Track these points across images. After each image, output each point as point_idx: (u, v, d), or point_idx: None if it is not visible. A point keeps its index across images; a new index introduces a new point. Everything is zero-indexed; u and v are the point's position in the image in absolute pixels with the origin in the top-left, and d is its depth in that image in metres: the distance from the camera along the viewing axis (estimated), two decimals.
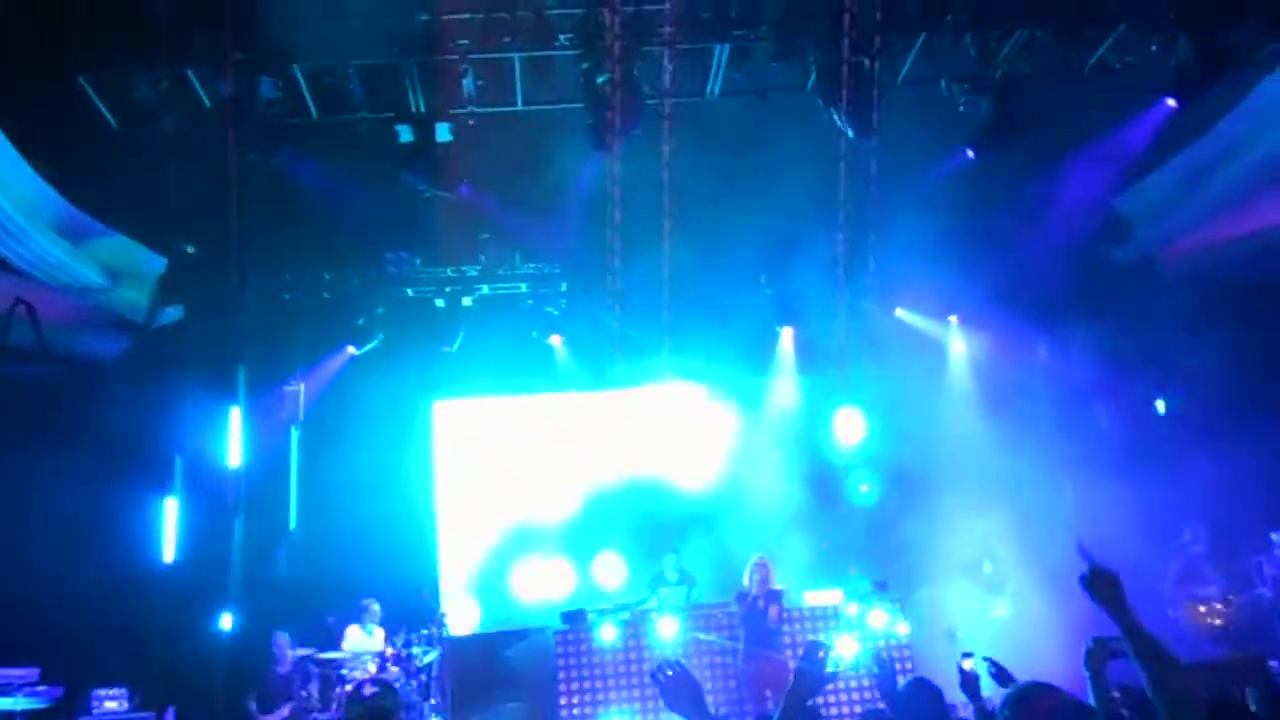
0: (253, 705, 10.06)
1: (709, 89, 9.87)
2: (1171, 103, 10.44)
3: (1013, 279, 11.20)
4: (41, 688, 8.95)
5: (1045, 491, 11.18)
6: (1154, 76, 10.06)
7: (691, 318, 11.52)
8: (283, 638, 10.30)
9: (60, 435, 10.83)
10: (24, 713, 8.73)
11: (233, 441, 11.56)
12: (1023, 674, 4.18)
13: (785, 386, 12.68)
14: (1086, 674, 3.78)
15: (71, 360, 11.42)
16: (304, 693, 10.07)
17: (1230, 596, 9.56)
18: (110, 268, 10.92)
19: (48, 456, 10.65)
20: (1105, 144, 10.86)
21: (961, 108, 10.31)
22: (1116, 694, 3.91)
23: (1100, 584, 3.19)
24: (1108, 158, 10.91)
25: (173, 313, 11.76)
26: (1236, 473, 9.64)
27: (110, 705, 9.60)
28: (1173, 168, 11.17)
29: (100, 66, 8.65)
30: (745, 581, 9.42)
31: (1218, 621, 9.43)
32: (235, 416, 11.50)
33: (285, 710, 10.00)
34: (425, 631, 10.78)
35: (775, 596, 9.37)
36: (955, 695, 4.72)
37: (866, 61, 9.13)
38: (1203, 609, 9.51)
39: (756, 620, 9.20)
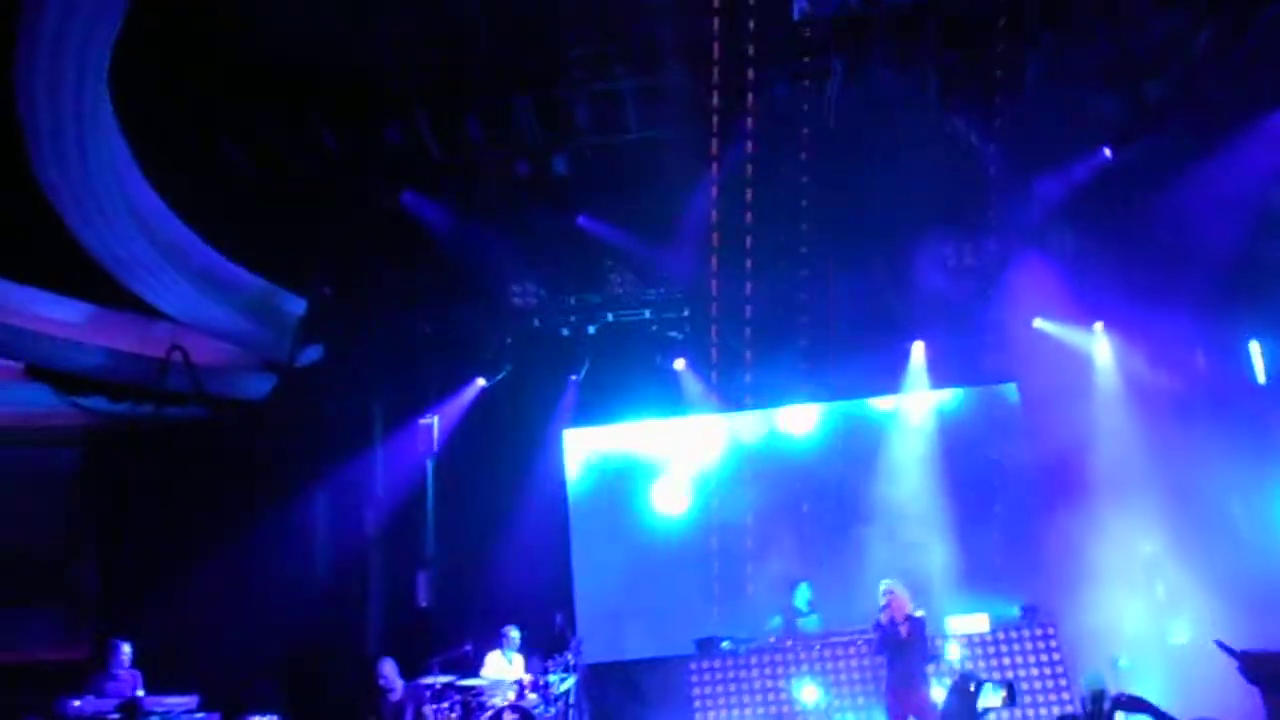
0: None
1: (826, 107, 9.67)
2: None
3: (1162, 281, 10.46)
4: (200, 715, 9.32)
5: (1214, 507, 10.39)
6: None
7: (820, 335, 11.25)
8: (389, 666, 10.40)
9: (215, 471, 11.44)
10: None
11: (373, 475, 11.94)
12: (1203, 708, 3.82)
13: (920, 401, 12.20)
14: (1263, 698, 3.44)
15: (223, 400, 12.07)
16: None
17: None
18: (254, 311, 11.46)
19: (203, 492, 11.28)
20: (1257, 133, 10.07)
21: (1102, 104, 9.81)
22: None
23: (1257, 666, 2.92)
24: (1261, 148, 10.11)
25: (313, 352, 12.23)
26: None
27: None
28: None
29: (240, 124, 9.07)
30: (881, 611, 9.01)
31: None
32: (375, 451, 11.87)
33: None
34: (562, 658, 10.80)
35: (917, 624, 8.90)
36: None
37: (990, 64, 8.78)
38: None
39: (896, 649, 8.79)
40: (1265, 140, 10.22)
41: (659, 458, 13.19)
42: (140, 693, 9.08)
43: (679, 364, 12.72)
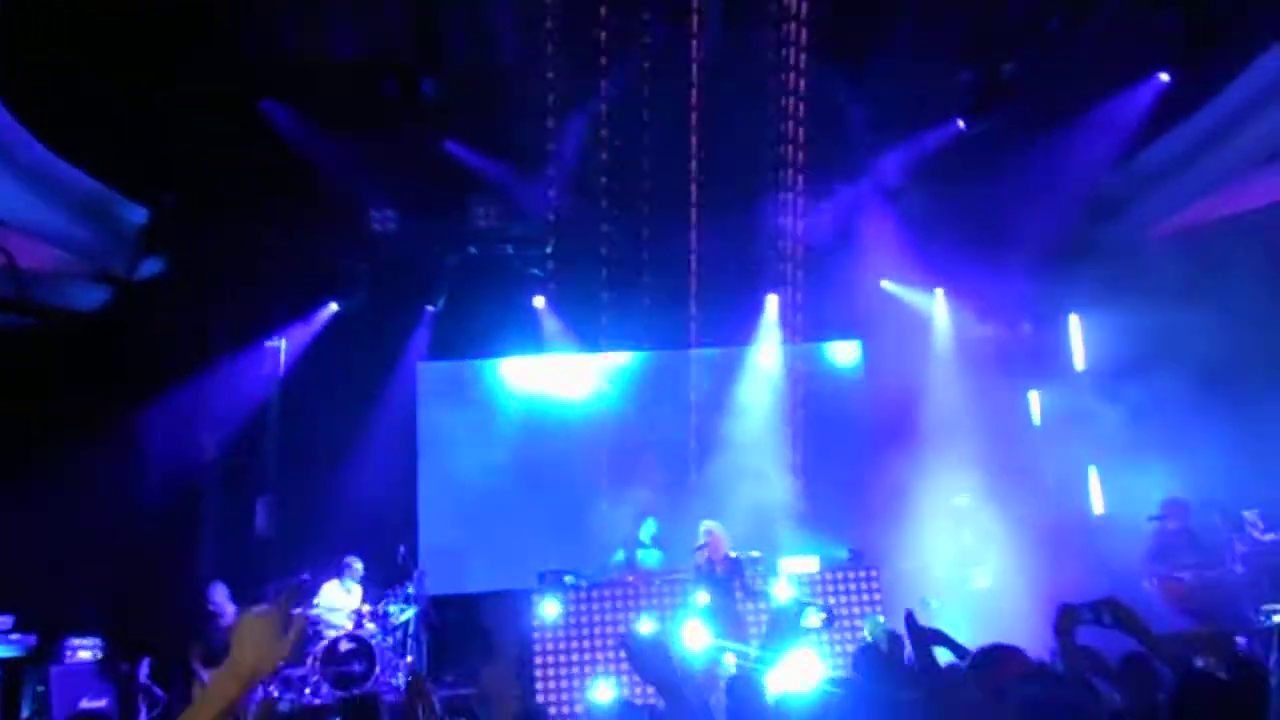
0: (196, 663, 9.90)
1: (702, 49, 9.75)
2: (1165, 77, 10.38)
3: (999, 251, 11.09)
4: (15, 635, 8.94)
5: (1023, 463, 11.19)
6: (1149, 49, 9.98)
7: (673, 282, 11.43)
8: (220, 591, 10.15)
9: (40, 387, 10.78)
10: None
11: (214, 396, 11.50)
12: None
13: (769, 354, 12.59)
14: (1055, 638, 3.79)
15: (53, 310, 11.35)
16: None
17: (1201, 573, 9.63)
18: (90, 217, 10.80)
19: (26, 408, 10.61)
20: (1093, 119, 10.76)
21: (959, 75, 10.25)
22: (1084, 659, 3.91)
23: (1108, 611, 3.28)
24: (1096, 133, 10.82)
25: (153, 265, 11.62)
26: (1220, 451, 9.68)
27: (84, 654, 9.59)
28: (1164, 144, 11.11)
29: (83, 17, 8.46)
30: (698, 552, 9.34)
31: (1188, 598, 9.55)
32: (216, 372, 11.42)
33: None
34: (402, 589, 10.78)
35: (733, 564, 9.30)
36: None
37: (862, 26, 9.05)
38: (1174, 586, 9.60)
39: (713, 586, 9.17)
40: (1099, 127, 10.96)
41: (513, 394, 13.23)
42: None
43: (538, 301, 12.71)
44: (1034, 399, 11.98)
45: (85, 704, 9.27)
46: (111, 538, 10.44)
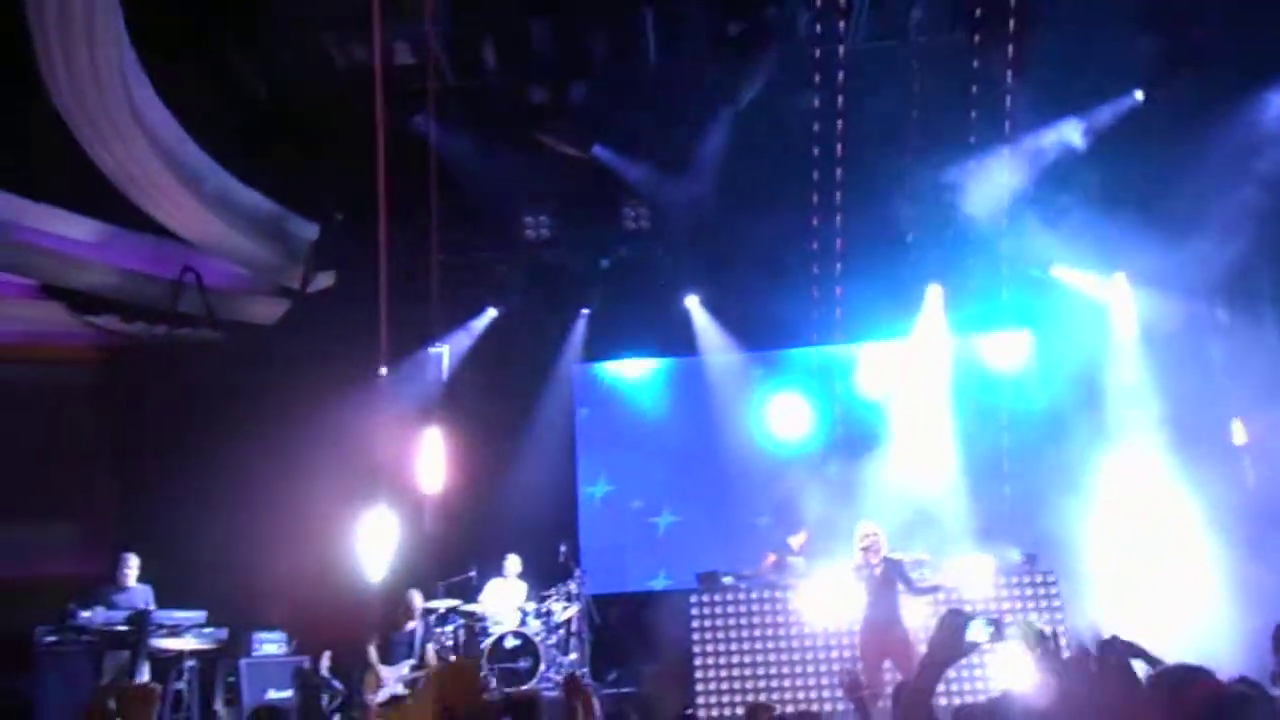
0: (373, 653, 10.22)
1: (850, 38, 9.46)
2: None
3: (1189, 233, 10.23)
4: (208, 629, 9.52)
5: (1219, 464, 10.30)
6: None
7: (831, 278, 11.11)
8: (416, 596, 10.49)
9: (226, 393, 11.52)
10: (192, 652, 9.30)
11: (382, 402, 11.95)
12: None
13: (937, 345, 12.07)
14: (1276, 655, 3.41)
15: (235, 324, 12.11)
16: (429, 647, 10.12)
17: None
18: (266, 236, 11.44)
19: (215, 414, 11.36)
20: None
21: (1138, 44, 9.53)
22: None
23: None
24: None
25: (325, 279, 12.21)
26: None
27: (270, 648, 10.14)
28: None
29: (241, 35, 8.95)
30: (856, 552, 9.02)
31: None
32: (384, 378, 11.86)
33: (404, 667, 10.02)
34: (564, 588, 10.94)
35: (895, 566, 8.95)
36: None
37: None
38: None
39: (873, 588, 8.84)
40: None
41: (667, 394, 13.23)
42: (150, 606, 9.26)
43: (691, 301, 12.65)
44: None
45: (272, 694, 9.82)
46: (293, 538, 11.00)
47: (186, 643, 9.24)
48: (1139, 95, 10.32)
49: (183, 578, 9.80)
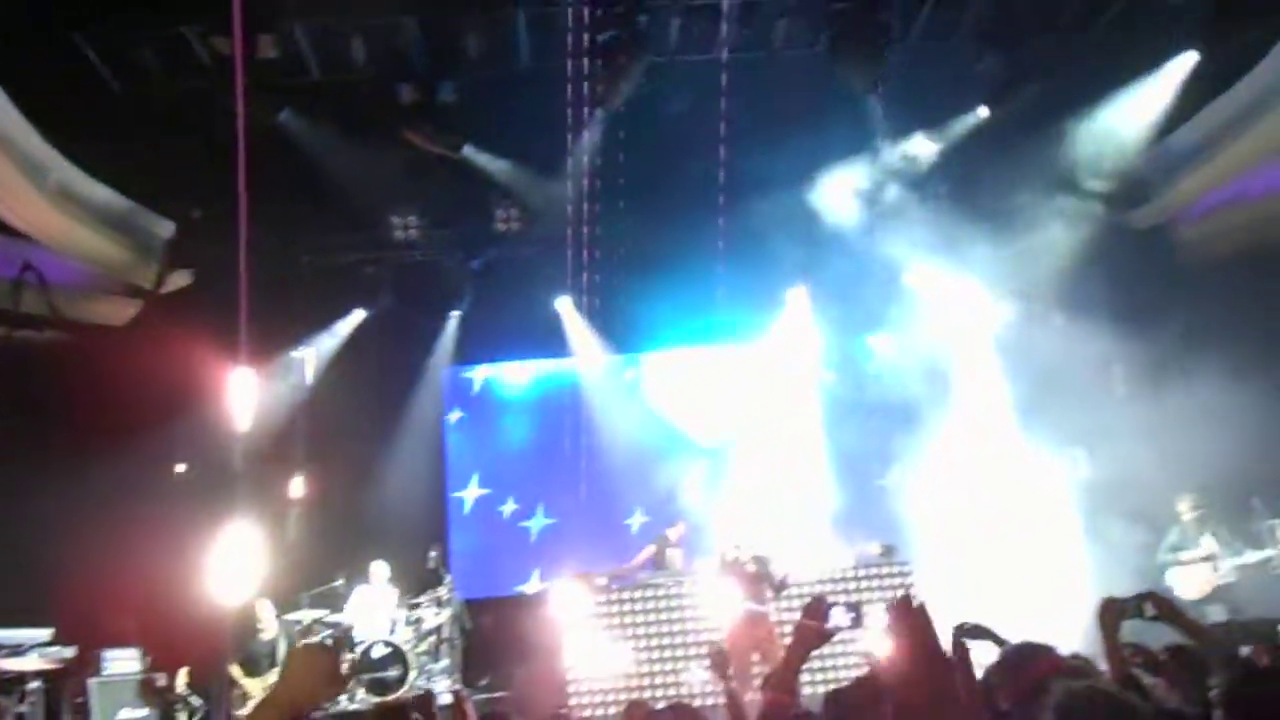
0: (236, 669, 10.04)
1: (718, 47, 9.72)
2: (1192, 56, 10.21)
3: (1025, 241, 10.94)
4: (54, 648, 9.03)
5: (1059, 454, 11.03)
6: (1174, 30, 9.83)
7: (698, 280, 11.36)
8: (265, 605, 10.26)
9: (73, 397, 10.88)
10: (36, 672, 8.79)
11: (240, 406, 11.55)
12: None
13: (801, 344, 12.48)
14: (1100, 633, 3.70)
15: (82, 325, 11.46)
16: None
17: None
18: (118, 233, 10.90)
19: (58, 422, 10.73)
20: (1122, 101, 10.61)
21: (980, 64, 10.14)
22: (1127, 652, 3.82)
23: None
24: (1123, 116, 10.67)
25: (180, 278, 11.71)
26: (1247, 438, 9.56)
27: (121, 666, 9.69)
28: (1193, 126, 10.94)
29: (94, 23, 8.53)
30: (727, 547, 9.31)
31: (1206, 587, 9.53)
32: (242, 381, 11.46)
33: (271, 676, 9.91)
34: (434, 594, 10.82)
35: (763, 562, 9.28)
36: None
37: (879, 16, 8.97)
38: (1190, 574, 9.58)
39: (743, 584, 9.14)
40: (1127, 109, 10.82)
41: (538, 396, 13.26)
42: None
43: (562, 303, 12.71)
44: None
45: (125, 714, 9.37)
46: (145, 549, 10.51)
47: (30, 662, 8.75)
48: (983, 110, 10.96)
49: (26, 595, 9.22)
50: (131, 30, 8.80)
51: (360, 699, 10.00)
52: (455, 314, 12.89)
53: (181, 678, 9.91)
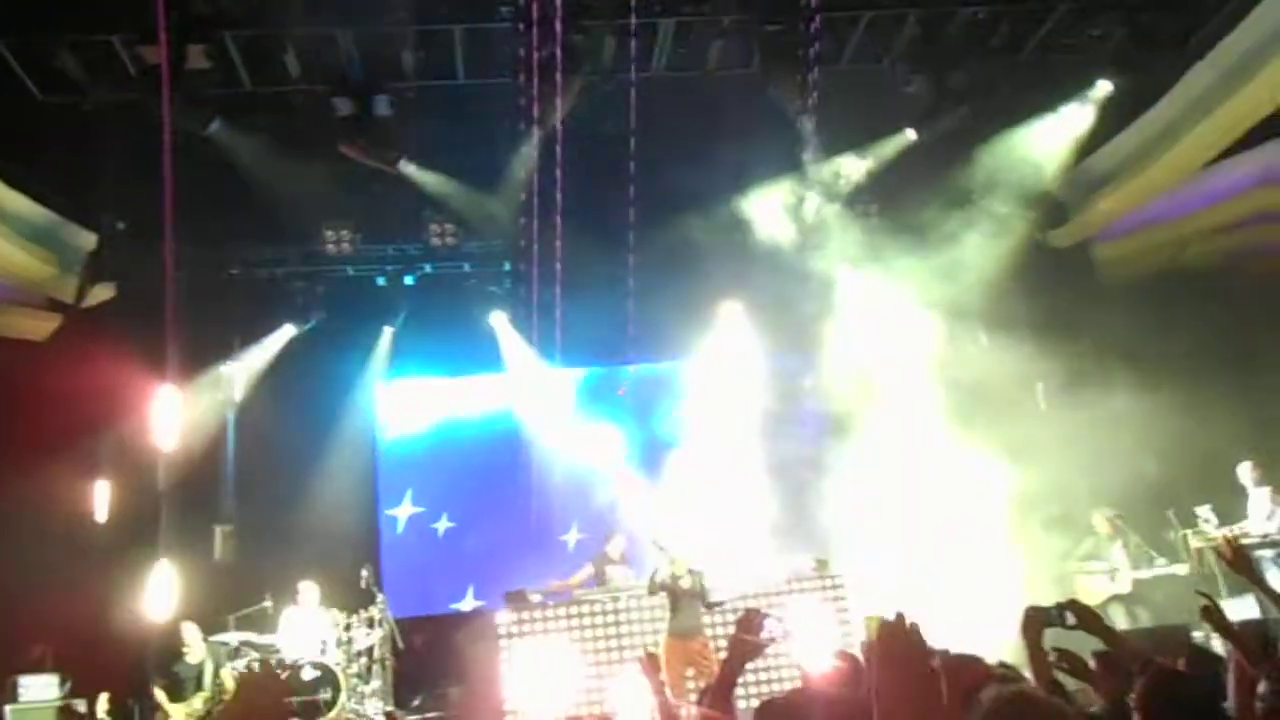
0: (160, 694, 9.79)
1: (653, 66, 9.85)
2: (1108, 85, 10.63)
3: (951, 257, 11.22)
4: None
5: (982, 467, 11.30)
6: (1093, 58, 10.23)
7: (634, 297, 11.44)
8: (189, 628, 10.05)
9: None
10: None
11: (165, 423, 11.28)
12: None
13: (733, 358, 12.60)
14: (1024, 641, 3.81)
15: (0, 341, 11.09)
16: (218, 681, 9.79)
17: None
18: (37, 244, 10.58)
19: None
20: (1042, 125, 11.00)
21: (909, 88, 10.41)
22: (1052, 657, 3.93)
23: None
24: (1044, 139, 11.06)
25: (103, 291, 11.41)
26: (1162, 451, 9.98)
27: (38, 692, 9.37)
28: (1107, 152, 11.38)
29: (17, 30, 8.33)
30: (663, 563, 9.35)
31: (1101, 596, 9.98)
32: (168, 397, 11.20)
33: (197, 701, 9.66)
34: (366, 614, 10.65)
35: (699, 578, 9.33)
36: None
37: (809, 39, 9.17)
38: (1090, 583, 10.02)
39: (678, 599, 9.19)
40: (1045, 134, 11.22)
41: (473, 412, 13.18)
42: None
43: (496, 318, 12.67)
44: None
45: None
46: (65, 569, 10.19)
47: None
48: (910, 133, 11.25)
49: None
50: (56, 38, 8.57)
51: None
52: (389, 329, 12.76)
53: (102, 703, 9.61)
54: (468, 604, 12.31)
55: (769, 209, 11.52)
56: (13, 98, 9.15)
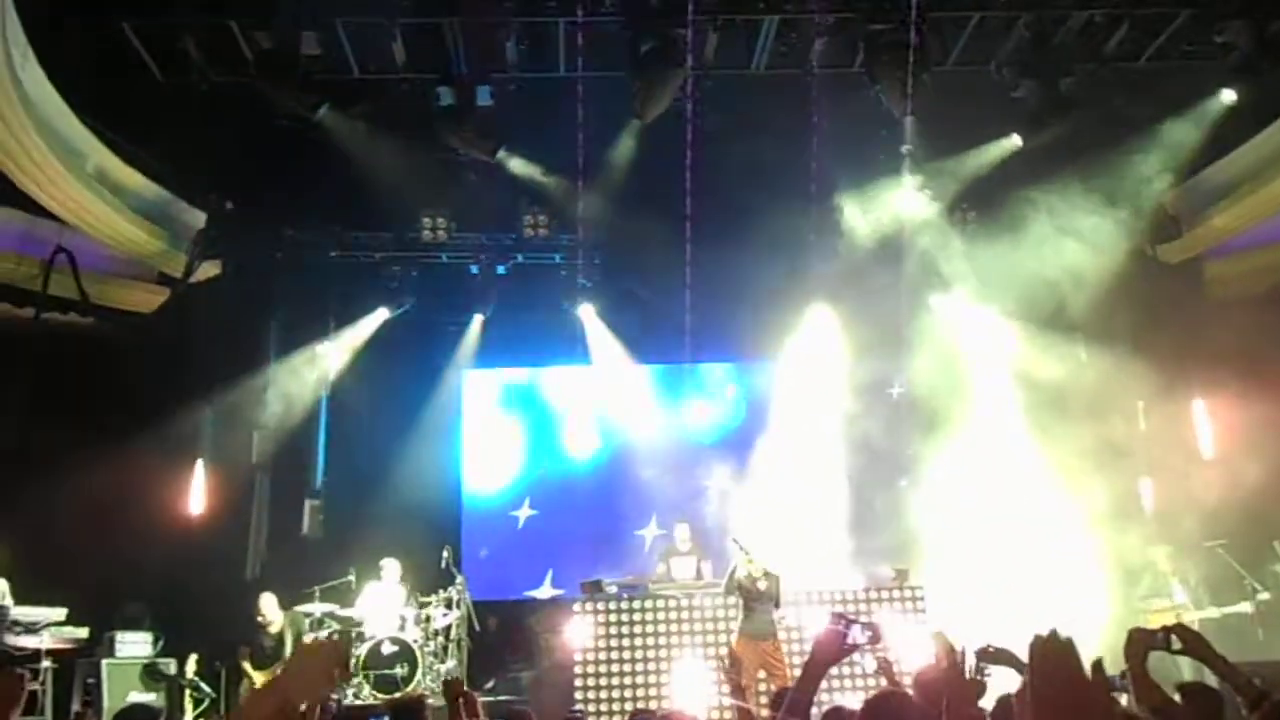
0: (245, 663, 10.14)
1: (754, 63, 9.78)
2: (1230, 95, 10.18)
3: (1053, 269, 10.89)
4: (67, 628, 9.10)
5: (1072, 490, 10.99)
6: (1214, 67, 9.82)
7: (722, 295, 11.38)
8: (267, 601, 10.33)
9: (98, 383, 10.98)
10: (49, 651, 8.86)
11: (264, 399, 11.66)
12: None
13: (815, 366, 12.46)
14: (1128, 663, 3.67)
15: (110, 312, 11.56)
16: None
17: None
18: (150, 220, 11.01)
19: (84, 406, 10.82)
20: (1159, 136, 10.59)
21: (1015, 93, 10.14)
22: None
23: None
24: (1160, 148, 10.65)
25: (209, 268, 11.82)
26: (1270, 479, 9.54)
27: (134, 650, 9.76)
28: (1224, 165, 10.91)
29: (141, 12, 8.65)
30: (740, 563, 9.29)
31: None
32: (266, 375, 11.58)
33: (279, 668, 9.97)
34: (445, 594, 10.83)
35: (775, 580, 9.24)
36: None
37: (916, 39, 8.99)
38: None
39: (752, 599, 9.12)
40: (1161, 144, 10.78)
41: (558, 403, 13.29)
42: (7, 601, 8.80)
43: (585, 311, 12.74)
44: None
45: (134, 697, 9.41)
46: (163, 536, 10.59)
47: (43, 641, 8.81)
48: (1016, 138, 10.95)
49: (45, 574, 9.30)
50: (177, 21, 8.89)
51: (366, 695, 10.01)
52: (479, 317, 12.93)
53: (191, 665, 9.97)
54: (545, 591, 12.42)
55: (865, 211, 11.37)
56: (135, 79, 9.51)
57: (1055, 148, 10.70)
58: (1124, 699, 3.55)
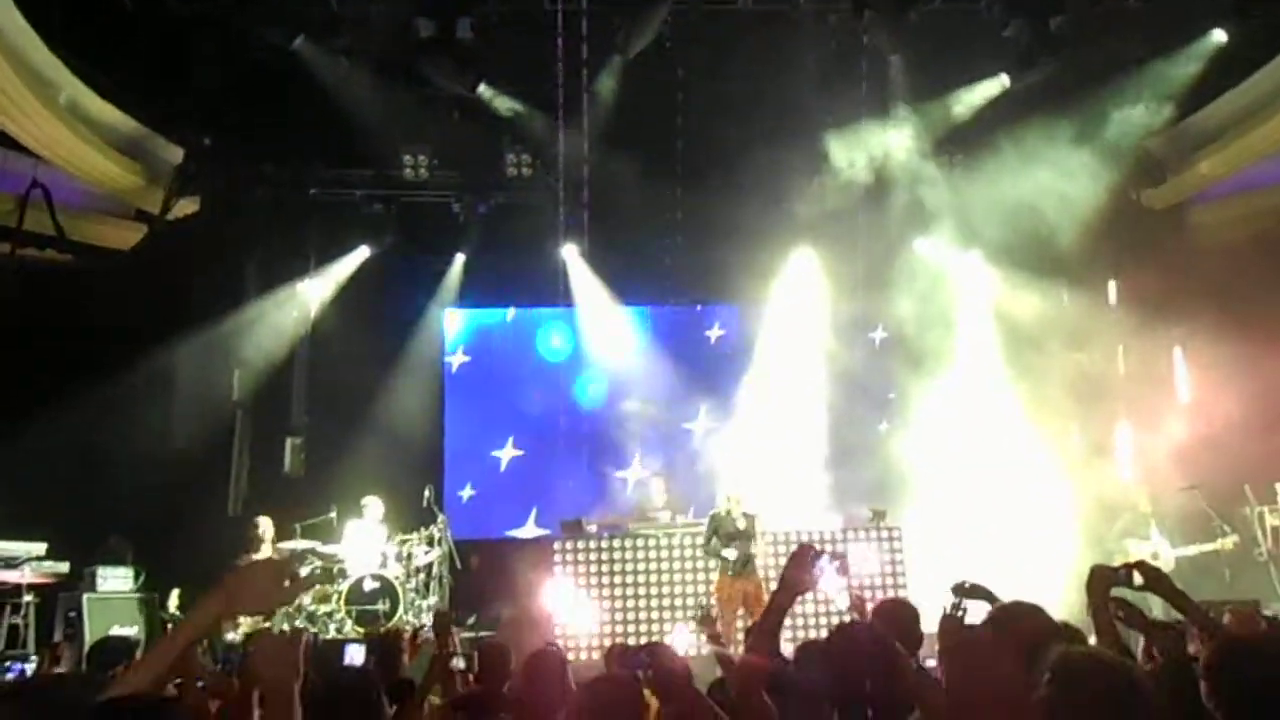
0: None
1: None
2: (1221, 35, 10.06)
3: (1033, 214, 10.83)
4: (48, 562, 9.12)
5: (1051, 432, 11.07)
6: (1205, 7, 9.69)
7: (706, 236, 11.31)
8: (264, 522, 10.33)
9: (75, 320, 10.89)
10: (29, 585, 8.89)
11: (243, 337, 11.58)
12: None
13: (797, 310, 12.44)
14: (1089, 598, 3.71)
15: (87, 247, 11.43)
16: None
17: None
18: (126, 155, 10.82)
19: (60, 343, 10.75)
20: (1146, 77, 10.47)
21: (1005, 32, 9.99)
22: (1112, 607, 3.83)
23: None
24: (1148, 92, 10.54)
25: (187, 204, 11.66)
26: (1245, 424, 9.60)
27: (115, 584, 9.79)
28: (1213, 109, 10.82)
29: None
30: (720, 503, 9.39)
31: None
32: (246, 312, 11.48)
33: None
34: (426, 532, 10.90)
35: (753, 521, 9.36)
36: None
37: None
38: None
39: (732, 538, 9.23)
40: (1149, 86, 10.67)
41: (539, 343, 13.27)
42: None
43: (567, 251, 12.65)
44: None
45: (116, 631, 9.47)
46: (143, 472, 10.58)
47: (23, 575, 8.84)
48: (1004, 79, 10.81)
49: (23, 509, 9.30)
50: None
51: (349, 630, 10.12)
52: (460, 256, 12.84)
53: (173, 599, 10.02)
54: (529, 530, 12.50)
55: (849, 152, 11.25)
56: (104, 7, 9.28)
57: (1043, 90, 10.59)
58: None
